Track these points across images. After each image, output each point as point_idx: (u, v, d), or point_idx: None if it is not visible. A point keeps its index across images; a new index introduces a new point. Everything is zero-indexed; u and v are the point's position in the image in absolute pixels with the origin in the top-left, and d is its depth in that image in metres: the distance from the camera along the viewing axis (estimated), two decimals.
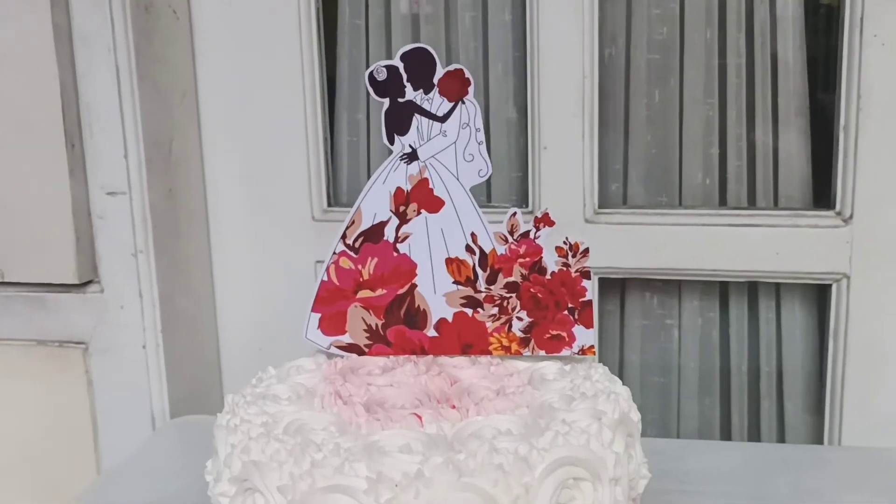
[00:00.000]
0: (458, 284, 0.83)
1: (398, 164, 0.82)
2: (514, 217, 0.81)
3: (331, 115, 1.36)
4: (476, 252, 0.82)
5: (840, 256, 1.19)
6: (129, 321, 1.27)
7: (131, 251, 1.25)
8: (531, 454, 0.67)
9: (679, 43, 1.26)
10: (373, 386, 0.79)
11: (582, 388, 0.77)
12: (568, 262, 0.80)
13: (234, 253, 1.37)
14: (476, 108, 0.80)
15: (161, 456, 1.21)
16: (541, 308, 0.81)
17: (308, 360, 0.87)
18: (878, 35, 1.13)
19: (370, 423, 0.72)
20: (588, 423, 0.71)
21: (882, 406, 1.20)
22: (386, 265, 0.84)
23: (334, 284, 0.85)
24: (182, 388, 1.31)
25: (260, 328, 1.38)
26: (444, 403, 0.76)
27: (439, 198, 0.82)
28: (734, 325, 1.30)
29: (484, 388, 0.78)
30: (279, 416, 0.75)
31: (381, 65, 0.81)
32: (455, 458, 0.66)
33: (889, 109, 1.14)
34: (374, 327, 0.85)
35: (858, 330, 1.19)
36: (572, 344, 0.82)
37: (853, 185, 1.17)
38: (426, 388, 0.79)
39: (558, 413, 0.73)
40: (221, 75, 1.32)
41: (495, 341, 0.83)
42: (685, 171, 1.28)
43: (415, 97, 0.81)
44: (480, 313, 0.83)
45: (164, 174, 1.27)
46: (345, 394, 0.78)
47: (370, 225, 0.83)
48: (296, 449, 0.68)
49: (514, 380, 0.79)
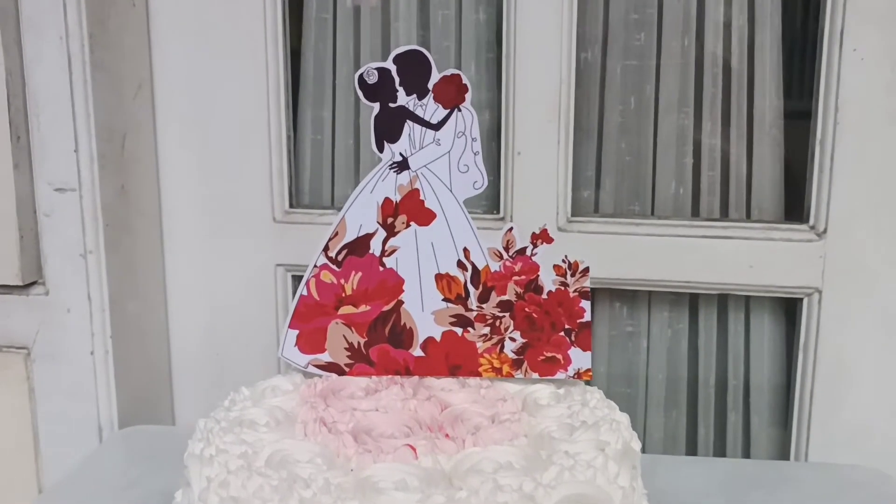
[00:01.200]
0: (447, 302, 0.77)
1: (387, 173, 0.76)
2: (511, 232, 0.76)
3: (294, 112, 1.28)
4: (468, 268, 0.76)
5: (813, 271, 1.16)
6: (76, 325, 1.18)
7: (80, 251, 1.16)
8: (537, 491, 0.62)
9: (656, 49, 1.22)
10: (357, 411, 0.73)
11: (581, 415, 0.72)
12: (566, 281, 0.75)
13: (188, 254, 1.29)
14: (473, 117, 0.75)
15: (109, 469, 1.13)
16: (535, 329, 0.76)
17: (283, 380, 0.80)
18: (858, 49, 1.10)
19: (360, 456, 0.66)
20: (592, 455, 0.66)
21: (849, 422, 1.18)
22: (371, 280, 0.77)
23: (314, 299, 0.78)
24: (131, 397, 1.23)
25: (215, 334, 1.31)
26: (436, 431, 0.70)
27: (430, 210, 0.76)
28: (703, 337, 1.27)
29: (477, 414, 0.73)
30: (259, 445, 0.68)
31: (372, 67, 0.74)
32: (456, 496, 0.61)
33: (866, 124, 1.11)
34: (355, 345, 0.79)
35: (828, 345, 1.17)
36: (568, 367, 0.77)
37: (828, 200, 1.14)
38: (416, 414, 0.73)
39: (559, 444, 0.68)
40: (179, 67, 1.24)
41: (486, 362, 0.78)
42: (658, 180, 1.24)
43: (407, 102, 0.75)
44: (471, 333, 0.77)
45: (116, 170, 1.18)
46: (328, 420, 0.71)
47: (355, 237, 0.77)
48: (281, 485, 0.62)
49: (508, 405, 0.74)
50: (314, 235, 1.23)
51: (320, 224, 1.25)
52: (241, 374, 1.27)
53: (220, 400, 1.29)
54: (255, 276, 1.28)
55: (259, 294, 1.28)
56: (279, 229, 1.26)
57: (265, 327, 1.29)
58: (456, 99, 0.74)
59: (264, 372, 1.27)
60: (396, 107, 0.75)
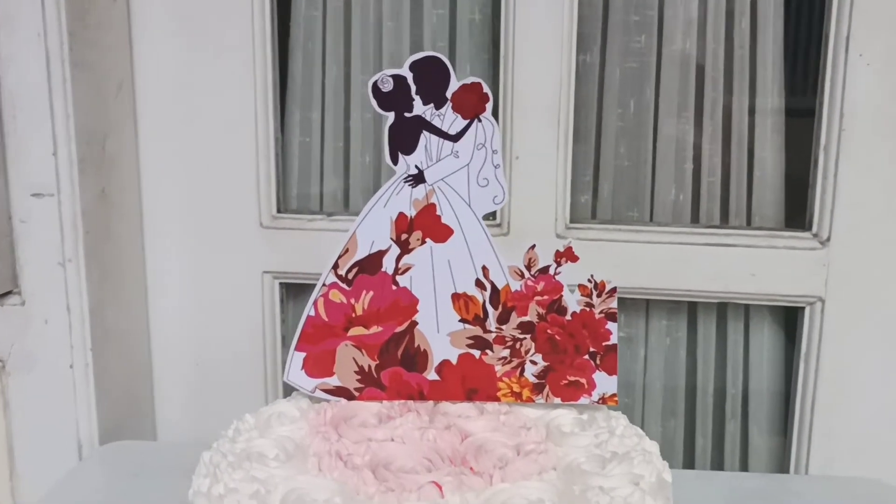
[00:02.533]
0: (465, 323, 0.72)
1: (402, 186, 0.70)
2: (533, 250, 0.71)
3: (282, 113, 1.22)
4: (487, 287, 0.71)
5: (816, 279, 1.13)
6: (55, 337, 1.11)
7: (59, 260, 1.09)
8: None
9: (656, 52, 1.17)
10: (373, 441, 0.68)
11: (610, 445, 0.67)
12: (592, 301, 0.70)
13: (170, 262, 1.22)
14: (494, 128, 0.69)
15: (89, 488, 1.06)
16: (558, 351, 0.71)
17: (288, 406, 0.75)
18: (864, 55, 1.07)
19: (383, 495, 0.61)
20: (628, 491, 0.62)
21: (851, 433, 1.15)
22: (383, 299, 0.72)
23: (322, 320, 0.73)
24: (111, 411, 1.16)
25: (198, 345, 1.24)
26: (459, 464, 0.65)
27: (447, 226, 0.71)
28: (701, 345, 1.23)
29: (501, 444, 0.68)
30: (271, 483, 0.63)
31: (387, 74, 0.69)
32: None
33: (873, 131, 1.08)
34: (366, 369, 0.73)
35: (830, 354, 1.14)
36: (592, 392, 0.72)
37: (832, 207, 1.11)
38: (435, 444, 0.68)
39: (591, 478, 0.63)
40: (162, 66, 1.17)
41: (504, 387, 0.73)
42: (657, 186, 1.20)
43: (424, 112, 0.69)
44: (489, 355, 0.72)
45: (96, 174, 1.11)
46: (343, 452, 0.66)
47: (367, 254, 0.72)
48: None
49: (531, 434, 0.69)
50: (303, 242, 1.19)
51: (309, 230, 1.20)
52: (226, 387, 1.22)
53: (204, 413, 1.25)
54: (242, 284, 1.22)
55: (245, 303, 1.22)
56: (266, 235, 1.20)
57: (252, 337, 1.23)
58: (476, 108, 0.69)
59: (250, 384, 1.22)
60: (412, 116, 0.69)
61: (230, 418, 1.20)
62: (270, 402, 1.20)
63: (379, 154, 1.24)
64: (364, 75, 1.22)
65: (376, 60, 1.22)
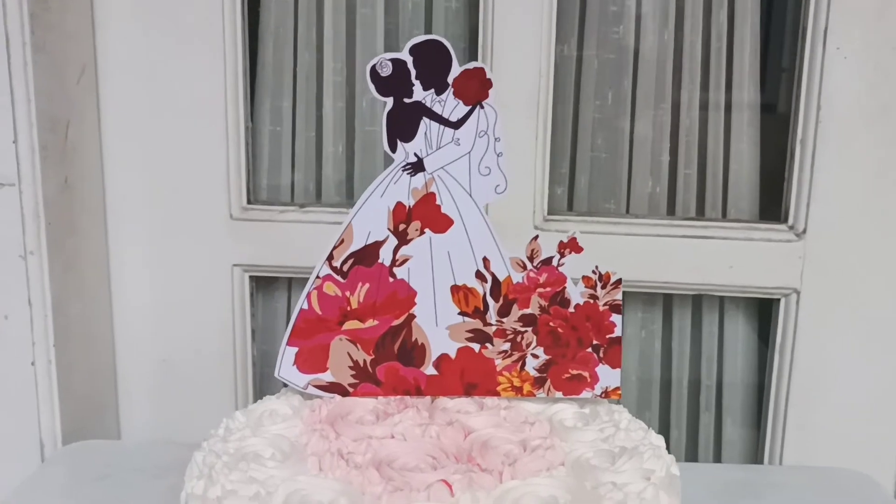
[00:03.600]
0: (464, 316, 0.70)
1: (400, 175, 0.68)
2: (536, 241, 0.69)
3: (251, 101, 1.18)
4: (488, 279, 0.69)
5: (792, 271, 1.13)
6: (15, 334, 1.06)
7: (20, 252, 1.04)
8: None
9: (634, 43, 1.16)
10: (373, 439, 0.65)
11: (616, 439, 0.66)
12: (596, 293, 0.68)
13: (135, 255, 1.17)
14: (496, 115, 0.67)
15: (54, 490, 1.02)
16: (560, 345, 0.69)
17: (279, 403, 0.72)
18: (841, 48, 1.07)
19: (390, 495, 0.58)
20: (641, 486, 0.60)
21: (825, 424, 1.15)
22: (379, 292, 0.69)
23: (315, 314, 0.70)
24: (75, 410, 1.11)
25: (165, 340, 1.20)
26: (465, 462, 0.63)
27: (447, 216, 0.68)
28: (677, 337, 1.23)
29: (505, 440, 0.65)
30: (271, 484, 0.60)
31: (385, 58, 0.66)
32: None
33: (849, 124, 1.08)
34: (361, 364, 0.71)
35: (805, 346, 1.14)
36: (594, 385, 0.70)
37: (808, 200, 1.11)
38: (438, 441, 0.65)
39: (602, 474, 0.61)
40: (126, 49, 1.12)
41: (505, 381, 0.71)
42: (634, 178, 1.19)
43: (424, 98, 0.66)
44: (489, 349, 0.70)
45: (58, 163, 1.07)
46: (344, 451, 0.63)
47: (363, 245, 0.69)
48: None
49: (536, 430, 0.67)
50: (274, 234, 1.15)
51: (281, 222, 1.16)
52: (194, 385, 1.18)
53: (170, 412, 1.20)
54: (210, 278, 1.18)
55: (214, 297, 1.18)
56: (236, 227, 1.16)
57: (221, 333, 1.19)
58: (478, 95, 0.67)
59: (219, 382, 1.18)
60: (412, 102, 0.66)
61: (198, 417, 1.16)
62: (240, 400, 1.17)
63: (352, 144, 1.21)
64: (336, 63, 1.19)
65: (350, 48, 1.18)
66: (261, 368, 1.24)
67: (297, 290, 1.24)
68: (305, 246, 1.12)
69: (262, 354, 1.25)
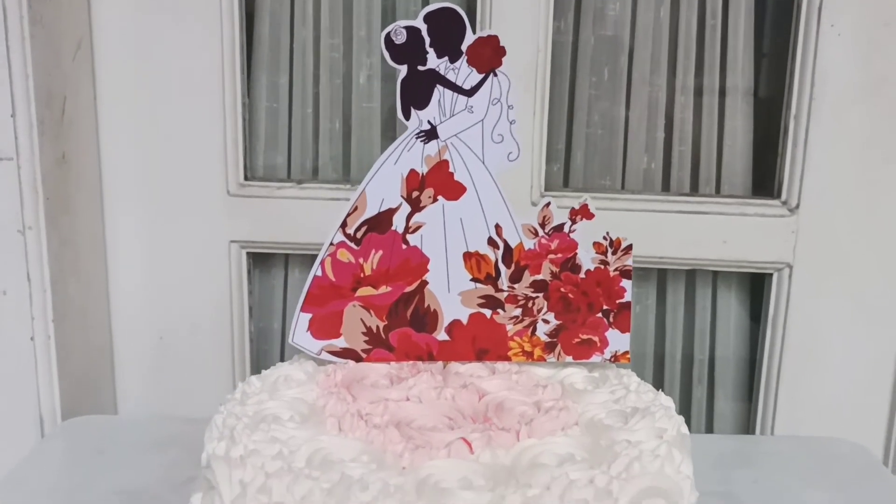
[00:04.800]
0: (476, 282, 0.71)
1: (414, 142, 0.69)
2: (548, 208, 0.70)
3: (247, 77, 1.19)
4: (500, 246, 0.71)
5: (784, 246, 1.16)
6: (14, 309, 1.06)
7: (18, 227, 1.04)
8: (612, 485, 0.57)
9: (630, 20, 1.18)
10: (390, 401, 0.67)
11: (628, 401, 0.68)
12: (607, 259, 0.70)
13: (132, 231, 1.18)
14: (509, 83, 0.69)
15: (55, 465, 1.02)
16: (571, 310, 0.71)
17: (292, 368, 0.73)
18: (836, 25, 1.09)
19: (411, 452, 0.60)
20: (655, 444, 0.62)
21: (815, 397, 1.18)
22: (392, 259, 0.71)
23: (329, 280, 0.71)
24: (73, 386, 1.12)
25: (161, 316, 1.20)
26: (481, 422, 0.65)
27: (460, 183, 0.70)
28: (670, 312, 1.25)
29: (519, 402, 0.67)
30: (293, 443, 0.61)
31: (400, 25, 0.67)
32: (529, 493, 0.56)
33: (842, 99, 1.11)
34: (374, 330, 0.72)
35: (797, 319, 1.17)
36: (604, 349, 0.72)
37: (801, 175, 1.14)
38: (454, 403, 0.67)
39: (616, 432, 0.63)
40: (122, 25, 1.12)
41: (516, 346, 0.72)
42: (630, 155, 1.21)
43: (438, 66, 0.68)
44: (500, 315, 0.72)
45: (55, 137, 1.07)
46: (362, 412, 0.65)
47: (376, 212, 0.70)
48: (336, 489, 0.55)
49: (549, 392, 0.69)
50: (271, 210, 1.16)
51: (279, 198, 1.17)
52: (191, 361, 1.19)
53: (166, 387, 1.21)
54: (207, 254, 1.18)
55: (211, 273, 1.19)
56: (233, 203, 1.17)
57: (217, 309, 1.20)
58: (492, 62, 0.68)
59: (216, 357, 1.19)
60: (426, 70, 0.68)
61: (194, 393, 1.18)
62: (237, 376, 1.18)
63: (349, 121, 1.22)
64: (333, 39, 1.20)
65: (346, 24, 1.19)
66: (257, 345, 1.26)
67: (294, 266, 1.25)
68: (303, 222, 1.14)
69: (258, 331, 1.26)
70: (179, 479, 0.96)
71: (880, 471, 1.05)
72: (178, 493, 0.93)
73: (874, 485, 1.00)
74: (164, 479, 0.97)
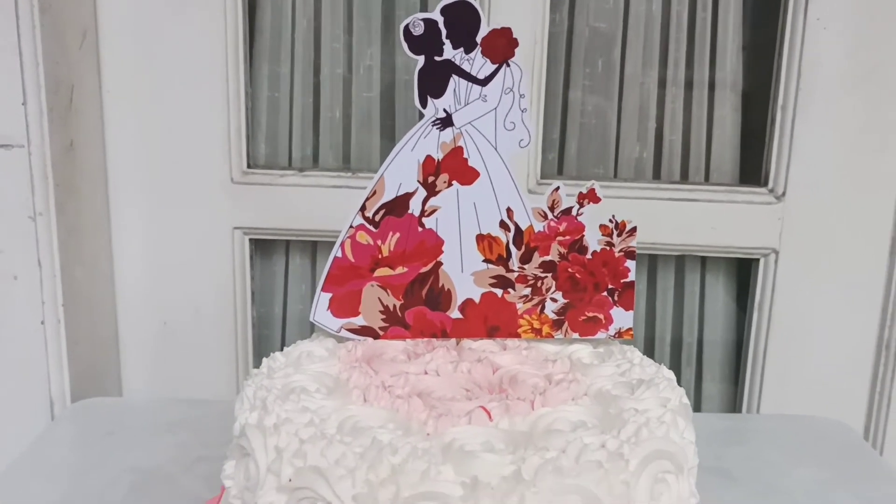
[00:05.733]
0: (488, 263, 0.76)
1: (430, 129, 0.74)
2: (557, 192, 0.76)
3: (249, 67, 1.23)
4: (511, 228, 0.76)
5: (771, 232, 1.22)
6: (24, 294, 1.10)
7: (28, 213, 1.08)
8: (623, 448, 0.62)
9: (623, 13, 1.23)
10: (410, 374, 0.72)
11: (633, 373, 0.73)
12: (612, 241, 0.75)
13: (136, 218, 1.22)
14: (521, 73, 0.73)
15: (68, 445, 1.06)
16: (578, 289, 0.76)
17: (313, 345, 0.77)
18: (822, 19, 1.15)
19: (435, 420, 0.65)
20: (660, 412, 0.67)
21: (800, 379, 1.24)
22: (409, 241, 0.75)
23: (349, 261, 0.75)
24: (81, 370, 1.16)
25: (164, 301, 1.24)
26: (497, 393, 0.70)
27: (474, 169, 0.75)
28: (660, 297, 1.31)
29: (531, 374, 0.72)
30: (323, 412, 0.66)
31: (418, 17, 0.72)
32: (547, 456, 0.61)
33: (828, 91, 1.16)
34: (391, 308, 0.77)
35: (783, 303, 1.23)
36: (609, 326, 0.77)
37: (787, 164, 1.19)
38: (470, 376, 0.72)
39: (623, 402, 0.69)
40: (127, 14, 1.16)
41: (525, 323, 0.77)
42: (622, 144, 1.27)
43: (454, 56, 0.72)
44: (511, 294, 0.77)
45: (63, 125, 1.11)
46: (385, 384, 0.70)
47: (394, 196, 0.75)
48: (368, 453, 0.60)
49: (558, 366, 0.74)
50: (274, 197, 1.21)
51: (281, 186, 1.21)
52: (194, 345, 1.23)
53: (170, 371, 1.25)
54: (210, 241, 1.23)
55: (214, 259, 1.23)
56: (236, 191, 1.21)
57: (221, 294, 1.24)
58: (505, 53, 0.73)
59: (219, 342, 1.23)
60: (442, 60, 0.72)
61: (197, 378, 1.22)
62: (240, 360, 1.22)
63: (349, 110, 1.26)
64: (334, 29, 1.24)
65: (347, 15, 1.23)
66: (259, 330, 1.30)
67: (294, 252, 1.30)
68: (305, 209, 1.19)
69: (260, 316, 1.30)
70: (189, 459, 1.01)
71: (862, 446, 1.11)
72: (189, 472, 0.98)
73: (857, 460, 1.06)
74: (174, 458, 1.01)
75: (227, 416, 1.13)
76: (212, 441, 1.03)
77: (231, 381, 1.25)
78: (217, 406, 1.16)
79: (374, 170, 1.13)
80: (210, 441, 1.04)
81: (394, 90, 1.25)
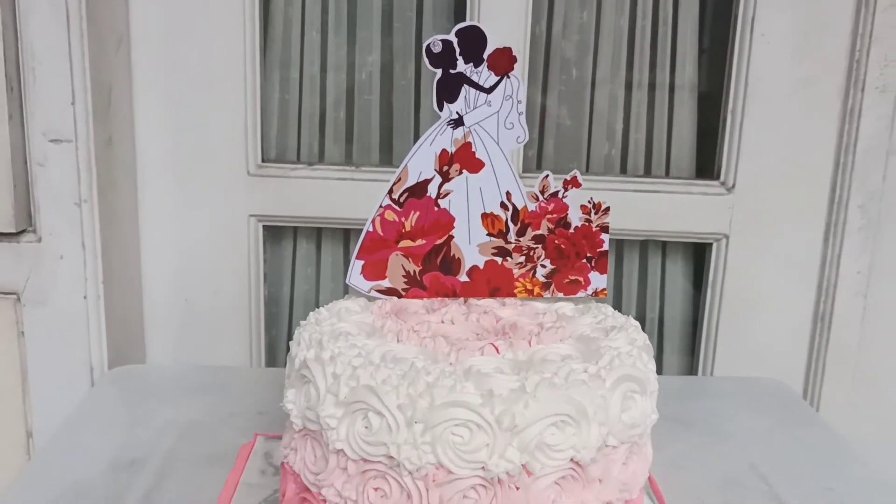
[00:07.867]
0: (490, 236, 0.99)
1: (445, 128, 0.97)
2: (546, 179, 0.99)
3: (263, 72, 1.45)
4: (509, 208, 0.99)
5: (722, 219, 1.46)
6: (70, 272, 1.30)
7: (75, 200, 1.28)
8: (601, 372, 0.86)
9: (595, 27, 1.47)
10: (431, 323, 0.95)
11: (607, 322, 0.97)
12: (590, 218, 0.99)
13: (164, 205, 1.43)
14: (519, 83, 0.97)
15: (113, 404, 1.25)
16: (563, 257, 1.00)
17: (350, 303, 1.00)
18: (765, 35, 1.40)
19: (456, 352, 0.88)
20: (629, 348, 0.91)
21: (749, 350, 1.49)
22: (427, 218, 0.98)
23: (378, 235, 0.98)
24: (115, 340, 1.36)
25: (185, 281, 1.46)
26: (501, 335, 0.93)
27: (480, 160, 0.98)
28: (626, 277, 1.55)
29: (527, 323, 0.96)
30: (367, 348, 0.88)
31: (437, 38, 0.95)
32: (543, 376, 0.84)
33: (771, 97, 1.41)
34: (412, 273, 1.00)
35: (733, 281, 1.48)
36: (587, 287, 1.01)
37: (736, 160, 1.44)
38: (478, 324, 0.95)
39: (601, 342, 0.92)
40: (156, 24, 1.38)
41: (520, 285, 1.01)
42: (593, 142, 1.51)
43: (465, 69, 0.96)
44: (509, 261, 1.00)
45: (104, 122, 1.31)
46: (413, 329, 0.93)
47: (415, 182, 0.98)
48: (408, 374, 0.83)
49: (547, 317, 0.98)
50: (285, 188, 1.43)
51: (292, 177, 1.43)
52: (211, 321, 1.44)
53: (191, 342, 1.47)
54: (229, 227, 1.44)
55: (232, 244, 1.45)
56: (252, 182, 1.43)
57: (237, 275, 1.46)
58: (506, 67, 0.96)
59: (233, 318, 1.45)
60: (456, 73, 0.96)
61: (215, 349, 1.43)
62: (253, 334, 1.44)
63: (351, 112, 1.49)
64: (338, 39, 1.46)
65: (350, 25, 1.46)
66: (269, 308, 1.52)
67: (301, 238, 1.52)
68: (313, 199, 1.41)
69: (270, 295, 1.52)
70: (224, 414, 1.22)
71: (799, 402, 1.37)
72: (226, 424, 1.19)
73: (794, 412, 1.31)
74: (210, 413, 1.21)
75: (247, 379, 1.36)
76: (239, 399, 1.25)
77: (244, 352, 1.47)
78: (237, 372, 1.39)
79: (374, 165, 1.38)
80: (238, 399, 1.26)
81: (391, 94, 1.48)
